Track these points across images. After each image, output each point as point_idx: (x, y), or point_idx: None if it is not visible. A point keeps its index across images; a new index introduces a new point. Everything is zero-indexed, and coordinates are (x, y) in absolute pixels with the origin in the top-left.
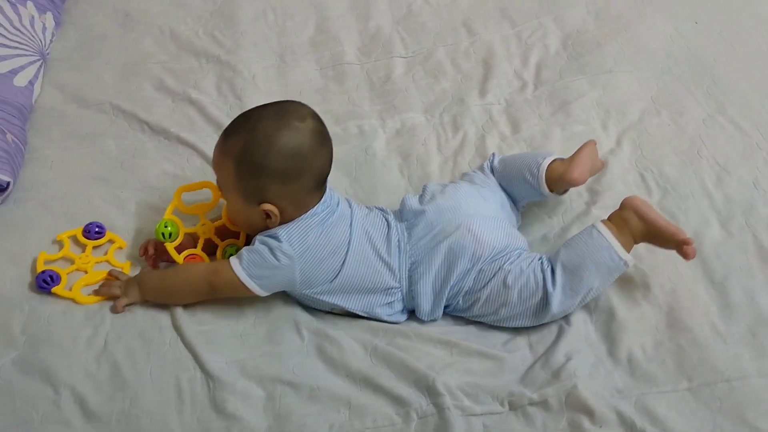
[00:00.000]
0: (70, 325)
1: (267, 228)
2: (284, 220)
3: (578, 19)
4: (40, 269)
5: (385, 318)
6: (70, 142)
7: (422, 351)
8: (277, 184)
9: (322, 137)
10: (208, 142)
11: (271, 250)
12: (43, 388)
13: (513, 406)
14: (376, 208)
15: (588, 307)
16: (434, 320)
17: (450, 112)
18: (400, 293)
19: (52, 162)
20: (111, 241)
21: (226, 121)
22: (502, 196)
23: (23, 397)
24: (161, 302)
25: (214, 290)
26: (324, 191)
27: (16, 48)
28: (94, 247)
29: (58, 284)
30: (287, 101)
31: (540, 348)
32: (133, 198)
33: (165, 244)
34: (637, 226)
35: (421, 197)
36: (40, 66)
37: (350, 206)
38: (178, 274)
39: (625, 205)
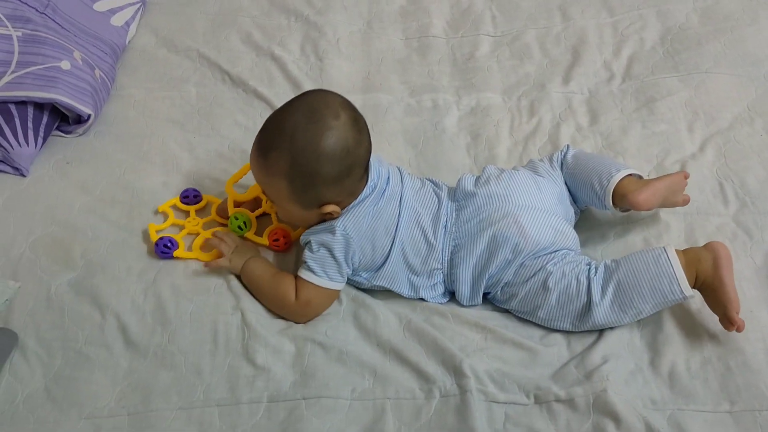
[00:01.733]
0: (126, 256)
1: (325, 220)
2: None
3: (682, 15)
4: (154, 239)
5: (429, 300)
6: (155, 84)
7: (456, 332)
8: (332, 186)
9: (359, 124)
10: (283, 99)
11: (330, 251)
12: (91, 311)
13: (539, 400)
14: (429, 181)
15: None
16: (474, 305)
17: (529, 96)
18: (441, 274)
19: (135, 101)
20: (210, 203)
21: (305, 81)
22: (562, 188)
23: (73, 317)
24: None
25: (297, 311)
26: (369, 172)
27: None
28: (197, 211)
29: (177, 248)
30: (310, 95)
31: (578, 347)
32: (203, 144)
33: (245, 235)
34: (707, 271)
35: (478, 179)
36: (139, 8)
37: (401, 180)
38: (270, 286)
39: (708, 247)
